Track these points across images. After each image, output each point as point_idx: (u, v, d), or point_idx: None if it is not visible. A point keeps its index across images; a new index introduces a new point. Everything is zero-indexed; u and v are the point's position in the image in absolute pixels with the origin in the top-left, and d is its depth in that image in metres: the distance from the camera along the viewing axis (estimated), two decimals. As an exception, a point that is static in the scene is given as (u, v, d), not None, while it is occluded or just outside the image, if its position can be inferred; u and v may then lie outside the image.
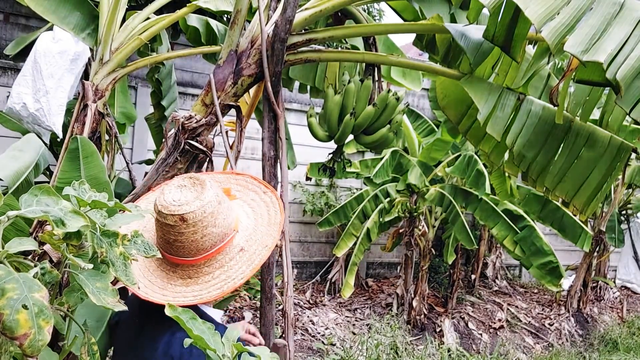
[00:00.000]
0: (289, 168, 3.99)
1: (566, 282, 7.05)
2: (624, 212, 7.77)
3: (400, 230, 5.81)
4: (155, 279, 1.32)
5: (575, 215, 4.20)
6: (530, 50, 2.26)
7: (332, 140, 2.42)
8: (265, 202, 1.50)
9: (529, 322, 6.54)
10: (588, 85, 1.90)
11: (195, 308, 1.27)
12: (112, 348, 1.53)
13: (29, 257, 1.37)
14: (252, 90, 2.70)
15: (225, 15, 3.61)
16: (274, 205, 1.48)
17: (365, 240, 5.41)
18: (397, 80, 3.10)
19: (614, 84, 1.51)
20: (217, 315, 1.42)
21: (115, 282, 1.16)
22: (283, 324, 1.93)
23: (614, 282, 8.25)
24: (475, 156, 4.90)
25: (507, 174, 4.75)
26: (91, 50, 3.01)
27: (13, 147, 2.13)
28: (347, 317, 5.89)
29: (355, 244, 5.51)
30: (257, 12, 2.02)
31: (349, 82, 2.31)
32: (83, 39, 2.52)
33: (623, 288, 8.35)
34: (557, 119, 2.00)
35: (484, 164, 4.78)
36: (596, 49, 1.50)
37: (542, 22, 1.48)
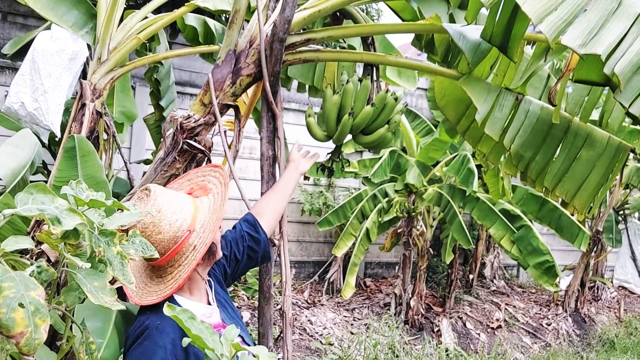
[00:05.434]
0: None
1: (564, 282, 7.06)
2: (621, 212, 7.79)
3: (399, 230, 5.81)
4: (145, 279, 1.47)
5: (573, 215, 4.20)
6: (529, 50, 2.26)
7: (331, 140, 2.42)
8: (220, 194, 1.54)
9: (527, 321, 6.55)
10: (586, 84, 1.90)
11: (172, 302, 1.38)
12: None
13: (27, 257, 1.36)
14: (250, 90, 2.70)
15: (224, 15, 3.61)
16: (221, 194, 1.53)
17: (365, 240, 5.40)
18: (392, 80, 3.09)
19: (613, 81, 1.50)
20: (199, 310, 1.45)
21: (113, 281, 1.16)
22: (281, 324, 1.93)
23: (612, 282, 8.26)
24: (470, 155, 4.90)
25: (500, 174, 4.77)
26: (89, 48, 3.00)
27: (8, 143, 2.10)
28: (345, 316, 5.89)
29: (354, 244, 5.51)
30: (256, 11, 2.02)
31: (348, 82, 2.31)
32: (82, 36, 2.52)
33: (620, 288, 8.37)
34: (553, 119, 2.00)
35: (479, 165, 4.78)
36: (594, 42, 1.49)
37: (540, 17, 1.48)
